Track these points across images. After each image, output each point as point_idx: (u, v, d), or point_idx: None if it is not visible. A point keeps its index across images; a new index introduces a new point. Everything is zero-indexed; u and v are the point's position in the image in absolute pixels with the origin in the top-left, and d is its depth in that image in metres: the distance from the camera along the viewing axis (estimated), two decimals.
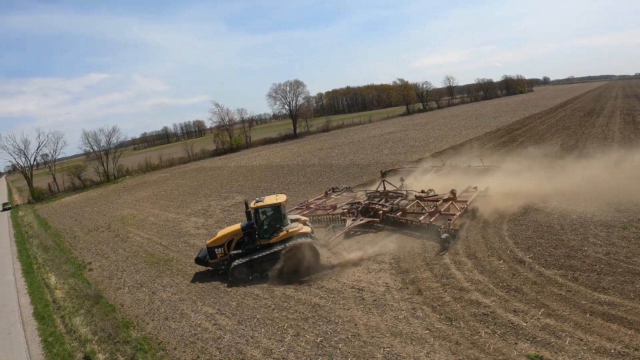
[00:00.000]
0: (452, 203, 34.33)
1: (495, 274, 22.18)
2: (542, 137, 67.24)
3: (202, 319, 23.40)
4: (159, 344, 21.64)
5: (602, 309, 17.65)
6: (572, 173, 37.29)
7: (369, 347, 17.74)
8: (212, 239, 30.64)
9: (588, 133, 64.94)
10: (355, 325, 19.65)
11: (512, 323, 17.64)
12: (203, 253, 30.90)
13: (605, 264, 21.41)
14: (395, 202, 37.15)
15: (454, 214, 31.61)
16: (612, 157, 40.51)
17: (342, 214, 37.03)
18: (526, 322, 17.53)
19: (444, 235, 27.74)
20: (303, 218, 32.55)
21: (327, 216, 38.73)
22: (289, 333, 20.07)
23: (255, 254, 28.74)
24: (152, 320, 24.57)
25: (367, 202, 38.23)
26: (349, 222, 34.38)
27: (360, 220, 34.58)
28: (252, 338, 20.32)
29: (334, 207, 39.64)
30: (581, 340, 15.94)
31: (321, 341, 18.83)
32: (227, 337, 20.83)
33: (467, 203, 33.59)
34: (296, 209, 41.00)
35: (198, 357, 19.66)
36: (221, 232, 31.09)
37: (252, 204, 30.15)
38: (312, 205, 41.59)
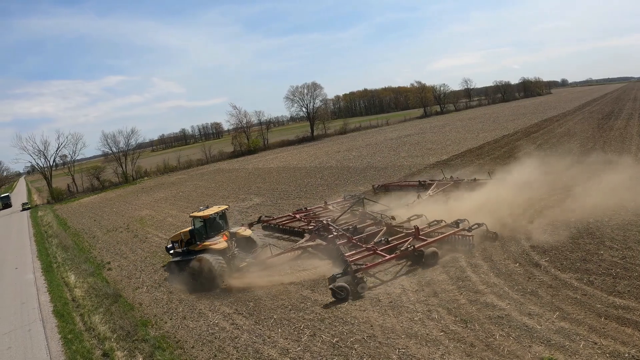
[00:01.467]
0: (410, 240, 28.22)
1: (511, 277, 22.23)
2: (560, 140, 66.80)
3: (219, 318, 23.72)
4: (176, 343, 21.98)
5: (617, 312, 17.63)
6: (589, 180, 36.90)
7: (385, 348, 17.90)
8: (173, 235, 35.91)
9: (606, 136, 64.33)
10: (371, 326, 19.81)
11: (526, 326, 17.69)
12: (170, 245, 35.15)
13: (621, 267, 21.36)
14: (361, 226, 33.72)
15: (379, 259, 26.47)
16: (629, 161, 40.30)
17: (303, 230, 36.15)
18: (541, 325, 17.57)
19: (330, 285, 24.02)
20: (243, 233, 33.13)
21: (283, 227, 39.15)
22: (306, 333, 20.29)
23: (185, 256, 31.51)
24: (170, 319, 24.93)
25: (328, 221, 35.09)
26: (301, 240, 33.78)
27: (310, 241, 33.00)
28: (268, 338, 20.57)
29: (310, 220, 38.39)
30: (595, 343, 15.96)
31: (337, 342, 19.02)
32: (244, 337, 21.10)
33: (413, 247, 26.67)
34: (288, 215, 41.75)
35: (215, 355, 19.93)
36: (179, 232, 35.22)
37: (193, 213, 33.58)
38: (309, 213, 41.12)
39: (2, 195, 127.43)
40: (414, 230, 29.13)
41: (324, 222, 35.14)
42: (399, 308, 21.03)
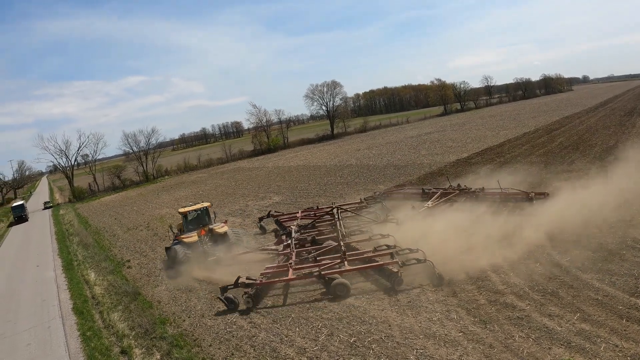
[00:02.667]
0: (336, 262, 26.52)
1: (531, 277, 21.92)
2: (582, 137, 66.06)
3: (237, 317, 23.72)
4: (194, 341, 22.04)
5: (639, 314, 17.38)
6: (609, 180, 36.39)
7: (402, 348, 17.76)
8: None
9: (628, 133, 63.47)
10: (389, 326, 19.67)
11: (546, 327, 17.43)
12: None
13: None
14: (320, 238, 33.55)
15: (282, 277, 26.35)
16: None
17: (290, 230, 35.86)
18: (561, 327, 17.30)
19: (219, 295, 25.45)
20: (218, 229, 35.50)
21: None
22: (323, 332, 20.20)
23: (172, 245, 35.23)
24: (189, 317, 25.00)
25: (296, 227, 35.75)
26: (271, 243, 35.45)
27: (274, 245, 34.42)
28: (286, 337, 20.51)
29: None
30: (617, 346, 15.65)
31: (355, 341, 18.90)
32: (262, 335, 21.07)
33: (319, 272, 25.33)
34: (294, 213, 41.75)
35: (232, 354, 19.93)
36: (179, 223, 38.01)
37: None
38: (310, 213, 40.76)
39: (15, 205, 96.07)
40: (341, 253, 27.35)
41: (291, 227, 35.98)
42: (418, 308, 20.86)
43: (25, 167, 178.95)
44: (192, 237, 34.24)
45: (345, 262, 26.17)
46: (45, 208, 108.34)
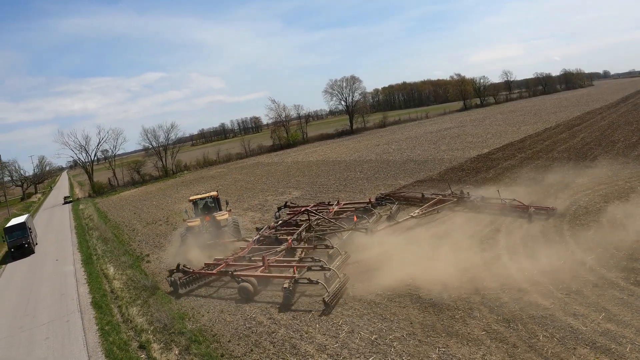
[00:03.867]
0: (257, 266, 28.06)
1: (556, 276, 21.50)
2: (604, 133, 65.22)
3: (256, 312, 23.64)
4: (213, 336, 22.02)
5: None
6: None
7: (424, 346, 17.55)
8: None
9: None
10: (411, 323, 19.45)
11: (571, 327, 17.10)
12: None
13: None
14: (283, 238, 34.19)
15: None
16: None
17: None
18: (586, 327, 16.97)
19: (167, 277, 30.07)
20: (219, 217, 38.58)
21: None
22: (344, 329, 20.03)
23: None
24: (207, 312, 25.00)
25: (273, 224, 38.49)
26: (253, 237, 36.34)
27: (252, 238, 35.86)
28: (306, 333, 20.40)
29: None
30: None
31: (376, 339, 18.71)
32: (282, 332, 20.97)
33: (231, 273, 27.50)
34: (305, 206, 41.87)
35: (251, 350, 19.86)
36: None
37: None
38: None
39: (11, 226, 54.72)
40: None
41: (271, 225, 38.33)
42: (440, 305, 20.60)
43: (45, 162, 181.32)
44: (195, 221, 38.00)
45: (260, 268, 27.45)
46: (65, 203, 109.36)
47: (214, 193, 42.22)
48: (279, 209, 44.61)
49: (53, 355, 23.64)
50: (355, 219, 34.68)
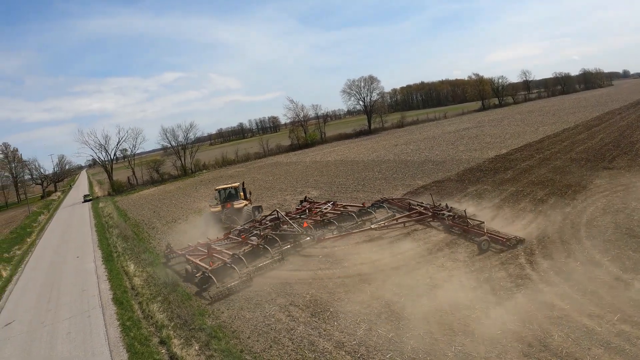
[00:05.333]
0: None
1: (571, 276, 21.62)
2: (623, 133, 64.76)
3: (275, 310, 23.95)
4: (232, 332, 22.32)
5: None
6: None
7: (441, 344, 17.76)
8: None
9: None
10: (428, 322, 19.65)
11: (586, 327, 17.23)
12: None
13: None
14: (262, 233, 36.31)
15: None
16: None
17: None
18: (601, 327, 17.08)
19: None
20: (237, 205, 45.17)
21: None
22: (362, 327, 20.26)
23: None
24: (227, 309, 25.31)
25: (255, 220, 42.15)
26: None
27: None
28: (324, 330, 20.65)
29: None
30: None
31: (393, 337, 18.94)
32: (300, 329, 21.26)
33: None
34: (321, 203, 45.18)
35: (270, 346, 20.14)
36: None
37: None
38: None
39: None
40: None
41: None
42: (457, 305, 20.78)
43: (65, 161, 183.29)
44: (217, 208, 45.93)
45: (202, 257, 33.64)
46: (85, 201, 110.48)
47: (236, 184, 50.06)
48: (301, 202, 47.41)
49: (75, 349, 24.06)
50: (305, 224, 36.38)
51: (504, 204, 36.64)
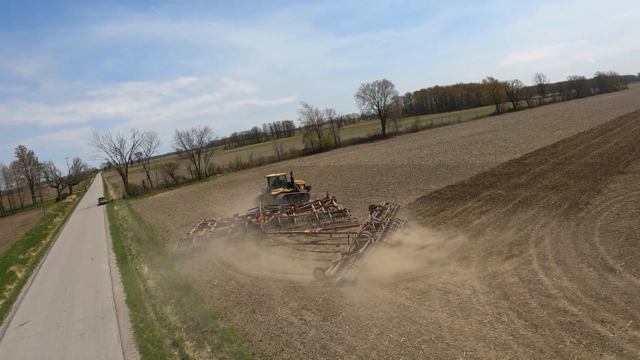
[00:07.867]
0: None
1: (584, 282, 21.54)
2: (638, 138, 64.21)
3: (288, 313, 24.01)
4: (244, 335, 22.39)
5: None
6: None
7: (452, 349, 17.75)
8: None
9: None
10: (439, 327, 19.65)
11: (598, 333, 17.14)
12: None
13: None
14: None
15: None
16: None
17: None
18: (613, 333, 16.98)
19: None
20: (274, 192, 56.58)
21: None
22: (373, 331, 20.28)
23: None
24: (240, 312, 25.43)
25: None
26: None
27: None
28: (336, 334, 20.68)
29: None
30: None
31: (404, 341, 18.95)
32: (312, 332, 21.31)
33: None
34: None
35: (282, 350, 20.24)
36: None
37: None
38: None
39: None
40: None
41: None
42: (469, 310, 20.78)
43: (80, 164, 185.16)
44: (262, 192, 60.04)
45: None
46: (100, 204, 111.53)
47: (281, 173, 62.45)
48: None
49: (89, 350, 24.28)
50: (260, 218, 43.58)
51: (517, 208, 36.47)
